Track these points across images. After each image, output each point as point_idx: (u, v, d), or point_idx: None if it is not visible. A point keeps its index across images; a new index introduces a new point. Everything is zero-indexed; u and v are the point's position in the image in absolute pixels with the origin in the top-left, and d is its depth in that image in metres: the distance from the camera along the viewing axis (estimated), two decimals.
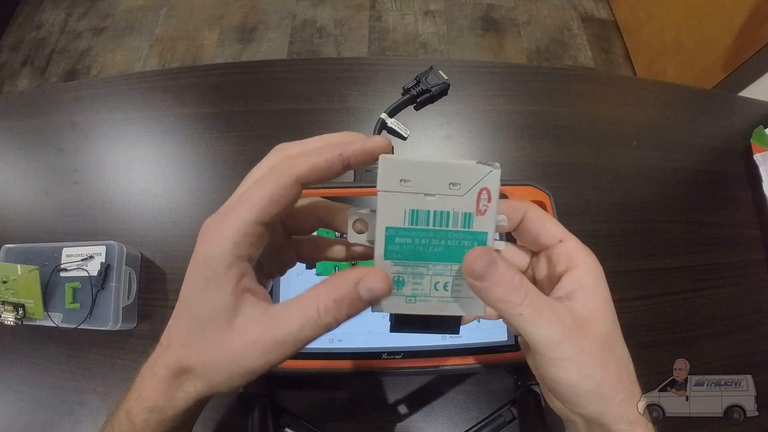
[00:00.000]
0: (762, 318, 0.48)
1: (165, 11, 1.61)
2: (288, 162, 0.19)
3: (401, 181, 0.19)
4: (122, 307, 0.42)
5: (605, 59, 1.52)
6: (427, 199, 0.19)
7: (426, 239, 0.20)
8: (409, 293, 0.20)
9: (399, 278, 0.20)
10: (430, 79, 0.54)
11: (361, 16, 1.56)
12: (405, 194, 0.19)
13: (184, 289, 0.20)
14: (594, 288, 0.21)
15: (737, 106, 0.60)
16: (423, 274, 0.20)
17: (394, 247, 0.20)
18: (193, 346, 0.20)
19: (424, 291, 0.20)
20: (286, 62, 0.93)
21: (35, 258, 0.43)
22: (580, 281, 0.21)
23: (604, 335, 0.20)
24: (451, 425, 0.41)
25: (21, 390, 0.43)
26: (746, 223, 0.52)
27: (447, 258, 0.20)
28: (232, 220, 0.19)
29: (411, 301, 0.20)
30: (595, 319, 0.20)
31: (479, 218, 0.20)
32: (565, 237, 0.22)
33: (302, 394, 0.42)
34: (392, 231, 0.20)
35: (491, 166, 0.19)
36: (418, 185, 0.19)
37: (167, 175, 0.51)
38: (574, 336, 0.19)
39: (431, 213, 0.19)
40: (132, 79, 0.57)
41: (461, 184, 0.19)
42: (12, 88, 1.49)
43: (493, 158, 0.52)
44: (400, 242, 0.20)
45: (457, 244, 0.20)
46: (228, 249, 0.18)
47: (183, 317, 0.20)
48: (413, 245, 0.20)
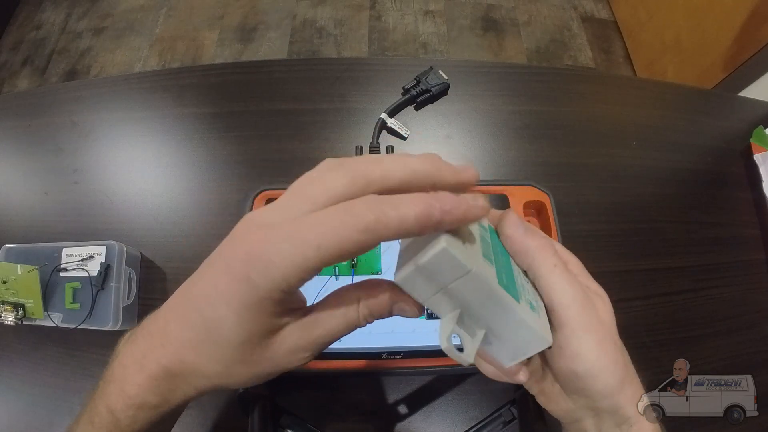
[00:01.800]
0: (762, 318, 0.48)
1: (165, 11, 1.61)
2: (375, 210, 0.16)
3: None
4: (122, 307, 0.42)
5: (605, 59, 1.52)
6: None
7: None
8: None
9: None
10: (430, 79, 0.54)
11: (361, 16, 1.56)
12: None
13: (199, 294, 0.19)
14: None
15: (737, 106, 0.60)
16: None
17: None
18: (204, 351, 0.19)
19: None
20: (286, 62, 0.93)
21: (35, 258, 0.43)
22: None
23: (609, 324, 0.22)
24: (451, 425, 0.41)
25: (21, 390, 0.43)
26: (746, 223, 0.52)
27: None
28: (294, 259, 0.16)
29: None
30: (600, 308, 0.22)
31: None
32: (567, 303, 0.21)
33: (302, 394, 0.42)
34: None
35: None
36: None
37: (167, 175, 0.51)
38: (589, 312, 0.21)
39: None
40: (132, 79, 0.57)
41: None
42: (12, 88, 1.49)
43: (493, 158, 0.52)
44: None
45: None
46: (281, 287, 0.17)
47: (191, 319, 0.19)
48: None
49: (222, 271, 0.18)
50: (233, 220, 0.19)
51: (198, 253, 0.47)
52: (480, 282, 0.18)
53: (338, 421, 0.42)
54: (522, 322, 0.19)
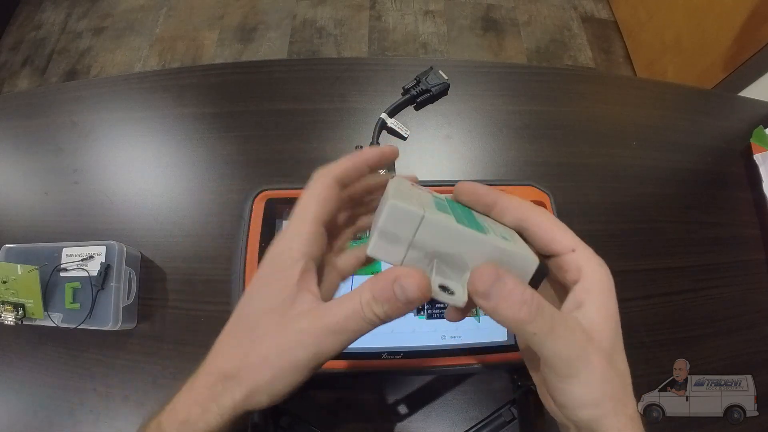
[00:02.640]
0: (762, 318, 0.48)
1: (165, 11, 1.61)
2: (324, 170, 0.22)
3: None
4: (122, 307, 0.42)
5: (605, 59, 1.52)
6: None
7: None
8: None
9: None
10: (430, 79, 0.54)
11: (361, 16, 1.56)
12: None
13: (243, 298, 0.21)
14: (601, 300, 0.21)
15: (737, 106, 0.60)
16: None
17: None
18: (239, 349, 0.20)
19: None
20: (286, 62, 0.93)
21: (35, 258, 0.43)
22: (589, 293, 0.21)
23: (609, 349, 0.20)
24: (451, 425, 0.41)
25: (21, 390, 0.43)
26: (746, 223, 0.52)
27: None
28: (295, 224, 0.21)
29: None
30: (600, 333, 0.20)
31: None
32: (577, 246, 0.22)
33: (302, 394, 0.42)
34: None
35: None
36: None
37: (167, 175, 0.51)
38: (584, 353, 0.19)
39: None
40: (132, 79, 0.57)
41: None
42: (12, 88, 1.49)
43: (493, 158, 0.52)
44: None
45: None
46: (294, 246, 0.21)
47: (234, 320, 0.21)
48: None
49: (259, 271, 0.22)
50: (233, 220, 0.19)
51: (198, 253, 0.47)
52: (438, 224, 0.19)
53: (338, 421, 0.42)
54: (497, 248, 0.19)
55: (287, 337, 0.20)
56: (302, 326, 0.19)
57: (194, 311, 0.45)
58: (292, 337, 0.19)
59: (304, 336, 0.19)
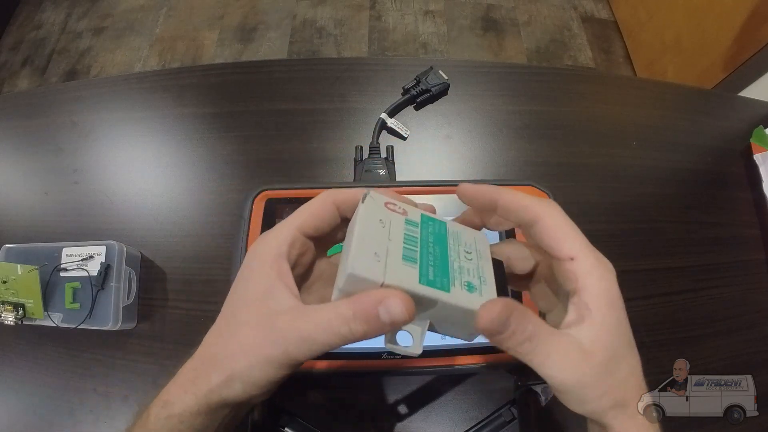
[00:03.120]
0: (762, 318, 0.48)
1: (165, 11, 1.61)
2: (328, 191, 0.24)
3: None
4: (122, 307, 0.42)
5: (605, 59, 1.52)
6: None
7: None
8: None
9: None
10: (430, 79, 0.54)
11: (361, 16, 1.56)
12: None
13: (230, 291, 0.22)
14: (601, 316, 0.20)
15: (737, 106, 0.60)
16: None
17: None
18: (220, 337, 0.22)
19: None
20: (286, 62, 0.93)
21: (35, 258, 0.43)
22: (588, 308, 0.20)
23: (605, 362, 0.20)
24: (451, 425, 0.41)
25: (21, 390, 0.43)
26: (746, 223, 0.52)
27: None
28: (279, 227, 0.23)
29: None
30: (596, 349, 0.20)
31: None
32: (577, 254, 0.21)
33: (302, 394, 0.42)
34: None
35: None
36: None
37: (167, 175, 0.51)
38: (577, 374, 0.20)
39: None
40: (132, 79, 0.57)
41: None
42: (12, 88, 1.49)
43: (493, 158, 0.52)
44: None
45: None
46: (273, 245, 0.22)
47: (221, 313, 0.22)
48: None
49: (240, 269, 0.23)
50: (233, 220, 0.20)
51: (198, 253, 0.47)
52: (399, 286, 0.19)
53: (338, 421, 0.42)
54: (457, 308, 0.20)
55: (264, 332, 0.20)
56: (278, 325, 0.20)
57: (194, 311, 0.45)
58: (268, 333, 0.20)
59: (278, 336, 0.20)
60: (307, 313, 0.20)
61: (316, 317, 0.19)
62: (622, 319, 0.21)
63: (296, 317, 0.20)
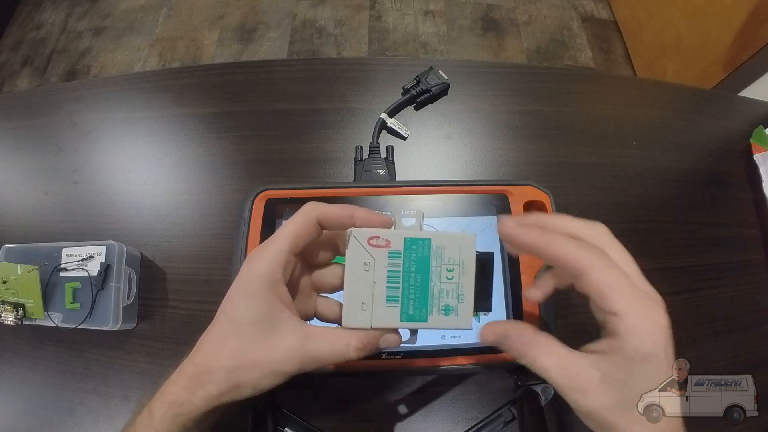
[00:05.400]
0: (762, 318, 0.48)
1: (165, 11, 1.61)
2: (312, 205, 0.25)
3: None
4: (122, 307, 0.42)
5: (605, 59, 1.52)
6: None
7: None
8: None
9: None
10: (430, 79, 0.54)
11: (361, 16, 1.56)
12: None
13: (226, 301, 0.24)
14: (643, 371, 0.22)
15: (737, 106, 0.60)
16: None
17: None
18: (228, 346, 0.23)
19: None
20: (286, 62, 0.93)
21: (35, 258, 0.43)
22: (630, 362, 0.22)
23: (615, 402, 0.22)
24: (451, 425, 0.41)
25: (21, 390, 0.43)
26: (746, 223, 0.52)
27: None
28: (270, 248, 0.24)
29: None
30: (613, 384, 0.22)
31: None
32: (622, 311, 0.21)
33: (302, 394, 0.42)
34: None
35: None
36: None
37: (167, 175, 0.51)
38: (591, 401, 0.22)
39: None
40: (132, 78, 0.57)
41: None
42: (12, 88, 1.49)
43: (493, 158, 0.52)
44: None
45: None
46: (269, 271, 0.23)
47: (220, 324, 0.24)
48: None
49: (237, 282, 0.24)
50: (233, 220, 0.20)
51: (198, 253, 0.47)
52: (383, 326, 0.24)
53: (338, 421, 0.42)
54: (434, 330, 0.25)
55: (278, 351, 0.23)
56: (291, 345, 0.23)
57: (194, 311, 0.45)
58: (282, 353, 0.23)
59: (292, 354, 0.23)
60: (318, 338, 0.23)
61: (328, 345, 0.23)
62: (665, 365, 0.24)
63: (309, 341, 0.23)
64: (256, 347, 0.23)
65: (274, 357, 0.23)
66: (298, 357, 0.23)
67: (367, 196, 0.40)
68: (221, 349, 0.23)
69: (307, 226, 0.24)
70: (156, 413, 0.23)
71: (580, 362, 0.22)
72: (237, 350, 0.23)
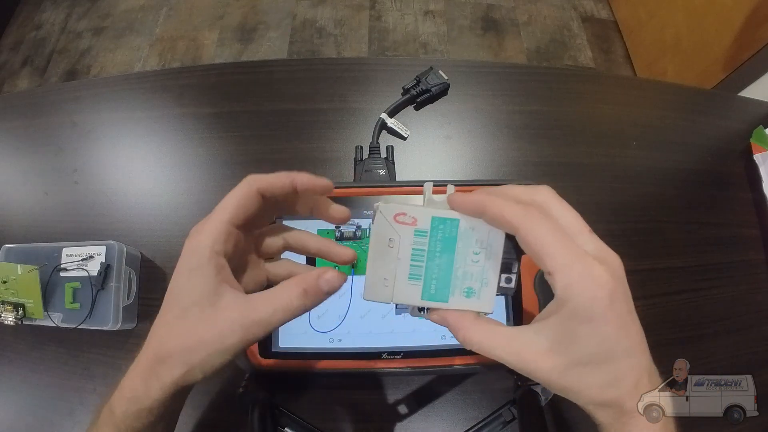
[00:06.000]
0: (762, 318, 0.48)
1: (165, 11, 1.61)
2: (251, 178, 0.24)
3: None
4: (122, 307, 0.42)
5: (605, 59, 1.52)
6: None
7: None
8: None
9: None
10: (430, 79, 0.54)
11: (361, 16, 1.56)
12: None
13: (171, 282, 0.23)
14: (588, 328, 0.21)
15: (737, 106, 0.60)
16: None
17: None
18: (174, 330, 0.23)
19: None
20: (286, 62, 0.93)
21: (35, 258, 0.43)
22: (573, 320, 0.21)
23: (571, 363, 0.22)
24: (451, 425, 0.41)
25: (21, 390, 0.43)
26: (746, 223, 0.52)
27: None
28: (211, 222, 0.23)
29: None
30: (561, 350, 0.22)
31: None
32: (556, 269, 0.21)
33: (302, 394, 0.42)
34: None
35: None
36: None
37: (167, 175, 0.51)
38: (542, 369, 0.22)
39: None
40: (132, 78, 0.57)
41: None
42: (12, 88, 1.49)
43: (493, 158, 0.52)
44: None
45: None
46: (208, 243, 0.23)
47: (167, 308, 0.23)
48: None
49: (180, 261, 0.23)
50: None
51: None
52: (405, 302, 0.24)
53: (338, 421, 0.42)
54: (453, 311, 0.24)
55: (219, 325, 0.22)
56: (232, 317, 0.22)
57: None
58: (224, 325, 0.22)
59: (235, 326, 0.22)
60: (256, 303, 0.23)
61: (269, 305, 0.23)
62: (614, 316, 0.23)
63: (249, 308, 0.23)
64: (200, 326, 0.22)
65: (217, 332, 0.22)
66: (239, 327, 0.22)
67: (367, 196, 0.40)
68: (170, 334, 0.23)
69: (247, 197, 0.24)
70: (117, 411, 0.23)
71: (524, 337, 0.22)
72: (184, 332, 0.23)
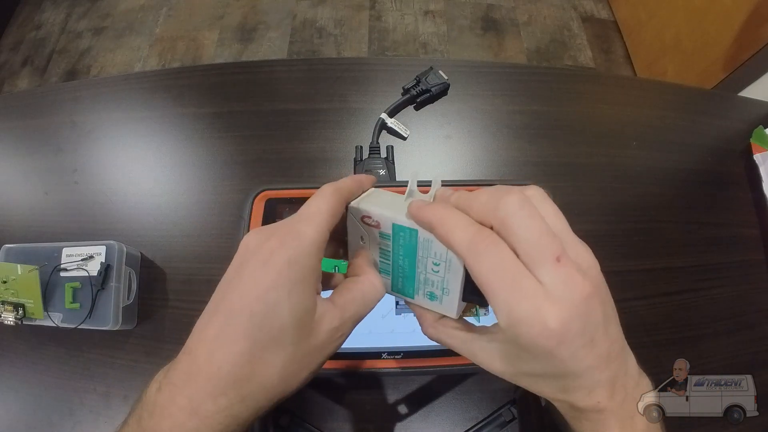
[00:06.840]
0: (762, 318, 0.48)
1: (165, 11, 1.61)
2: (333, 187, 0.22)
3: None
4: (122, 307, 0.42)
5: (605, 59, 1.52)
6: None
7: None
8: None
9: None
10: (430, 79, 0.54)
11: (361, 16, 1.56)
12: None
13: (252, 300, 0.19)
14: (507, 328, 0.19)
15: (737, 106, 0.60)
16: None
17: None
18: (260, 356, 0.19)
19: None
20: (286, 62, 0.93)
21: (35, 258, 0.43)
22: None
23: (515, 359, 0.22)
24: (451, 425, 0.41)
25: (21, 390, 0.43)
26: (746, 223, 0.52)
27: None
28: (312, 229, 0.20)
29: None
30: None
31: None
32: (498, 307, 0.19)
33: (302, 394, 0.42)
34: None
35: None
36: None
37: (167, 175, 0.51)
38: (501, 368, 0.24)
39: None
40: (132, 79, 0.57)
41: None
42: (12, 88, 1.49)
43: (493, 158, 0.52)
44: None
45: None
46: (314, 252, 0.20)
47: (239, 330, 0.19)
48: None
49: (268, 274, 0.19)
50: (233, 220, 0.20)
51: (198, 253, 0.47)
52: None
53: (338, 421, 0.42)
54: (418, 308, 0.25)
55: (319, 338, 0.21)
56: (332, 325, 0.21)
57: (194, 311, 0.45)
58: (323, 337, 0.21)
59: (333, 332, 0.21)
60: (346, 297, 0.22)
61: (359, 293, 0.23)
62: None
63: (340, 311, 0.22)
64: (301, 345, 0.20)
65: (316, 356, 0.20)
66: (337, 334, 0.21)
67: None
68: (255, 367, 0.19)
69: (338, 204, 0.22)
70: (176, 421, 0.18)
71: (479, 342, 0.23)
72: (278, 364, 0.19)
